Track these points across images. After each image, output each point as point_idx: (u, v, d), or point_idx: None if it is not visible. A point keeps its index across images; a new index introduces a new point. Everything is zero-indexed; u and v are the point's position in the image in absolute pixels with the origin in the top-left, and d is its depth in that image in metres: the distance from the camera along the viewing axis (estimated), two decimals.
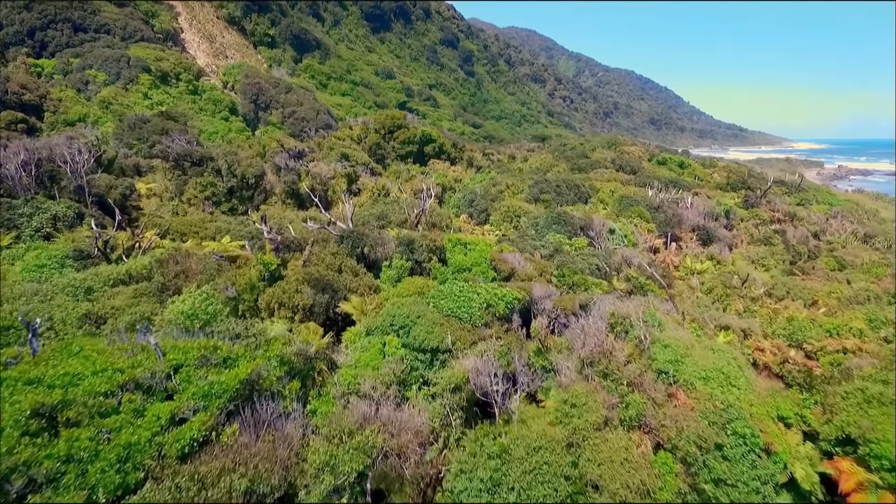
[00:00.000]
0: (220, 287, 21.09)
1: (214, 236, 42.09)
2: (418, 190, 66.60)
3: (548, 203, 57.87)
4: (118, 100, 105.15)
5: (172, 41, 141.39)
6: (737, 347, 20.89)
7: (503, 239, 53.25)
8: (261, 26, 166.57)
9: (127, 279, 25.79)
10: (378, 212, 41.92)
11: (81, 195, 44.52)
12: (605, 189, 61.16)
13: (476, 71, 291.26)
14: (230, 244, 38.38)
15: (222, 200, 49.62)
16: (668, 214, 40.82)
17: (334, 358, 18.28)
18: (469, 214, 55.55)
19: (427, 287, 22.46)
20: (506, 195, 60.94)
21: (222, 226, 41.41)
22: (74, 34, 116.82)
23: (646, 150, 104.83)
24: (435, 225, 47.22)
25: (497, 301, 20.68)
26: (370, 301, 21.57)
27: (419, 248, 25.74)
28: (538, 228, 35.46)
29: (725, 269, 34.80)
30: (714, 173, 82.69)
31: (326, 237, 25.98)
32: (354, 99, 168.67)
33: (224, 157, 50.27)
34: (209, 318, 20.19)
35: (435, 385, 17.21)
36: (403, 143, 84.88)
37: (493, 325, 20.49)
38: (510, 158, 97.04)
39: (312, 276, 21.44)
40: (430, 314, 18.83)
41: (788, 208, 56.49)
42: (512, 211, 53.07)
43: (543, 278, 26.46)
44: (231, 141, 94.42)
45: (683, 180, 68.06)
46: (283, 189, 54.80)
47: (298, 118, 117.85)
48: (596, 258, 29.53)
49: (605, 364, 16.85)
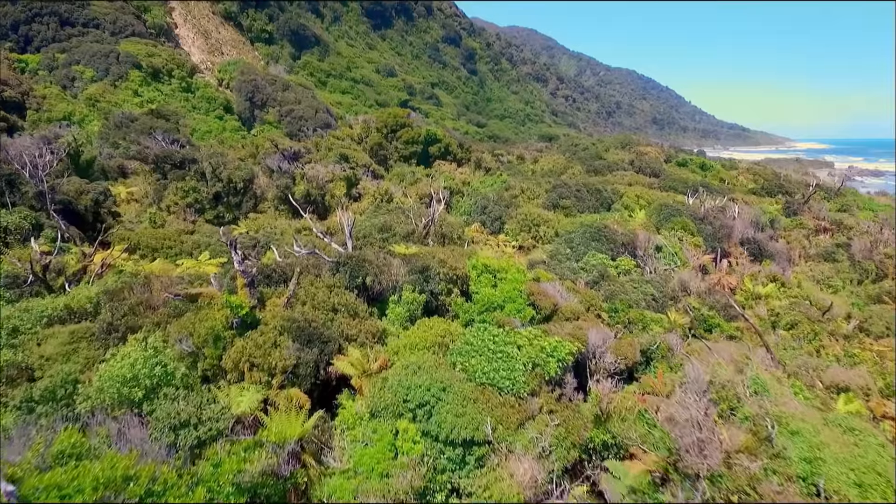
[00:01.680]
0: (173, 338, 15.69)
1: (192, 252, 36.57)
2: (424, 194, 61.15)
3: (567, 210, 52.42)
4: (106, 97, 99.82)
5: (165, 37, 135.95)
6: (868, 419, 15.47)
7: (519, 249, 47.88)
8: (258, 22, 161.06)
9: (66, 316, 20.43)
10: (381, 222, 36.52)
11: (43, 202, 39.22)
12: (630, 194, 55.71)
13: (479, 69, 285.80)
14: (208, 262, 32.97)
15: (206, 207, 44.19)
16: (714, 226, 35.39)
17: (326, 450, 12.84)
18: (482, 223, 50.09)
19: (449, 333, 17.04)
20: (520, 201, 55.52)
21: (202, 239, 35.92)
22: (61, 28, 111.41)
23: (661, 150, 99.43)
24: (445, 236, 41.76)
25: (545, 359, 15.27)
26: (374, 355, 16.15)
27: (435, 276, 20.34)
28: (573, 246, 30.08)
29: (792, 293, 29.47)
30: (739, 175, 77.17)
31: (319, 264, 20.53)
32: (355, 97, 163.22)
33: (209, 159, 44.82)
34: (155, 383, 14.82)
35: (470, 496, 11.80)
36: (407, 144, 79.32)
37: (540, 391, 15.07)
38: (519, 159, 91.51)
39: (297, 322, 16.02)
40: (457, 384, 13.44)
41: (833, 215, 51.10)
42: (530, 219, 47.64)
43: (591, 313, 21.02)
44: (224, 141, 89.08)
45: (711, 184, 62.59)
46: (276, 194, 49.32)
47: (296, 117, 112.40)
48: (650, 286, 24.21)
49: (733, 481, 11.35)
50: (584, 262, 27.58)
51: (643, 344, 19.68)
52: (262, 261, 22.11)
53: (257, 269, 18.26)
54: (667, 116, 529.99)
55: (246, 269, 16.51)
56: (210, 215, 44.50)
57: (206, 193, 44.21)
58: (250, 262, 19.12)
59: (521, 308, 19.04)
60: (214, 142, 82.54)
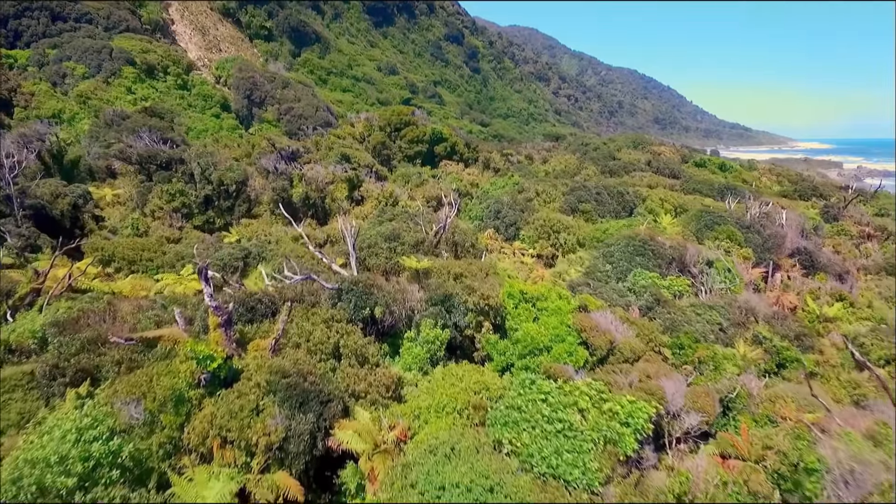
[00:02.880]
0: (120, 400, 11.74)
1: (175, 263, 32.55)
2: (431, 197, 57.14)
3: (588, 214, 48.42)
4: (98, 94, 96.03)
5: (161, 33, 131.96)
6: None
7: (538, 258, 43.86)
8: (257, 18, 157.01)
9: (2, 356, 16.52)
10: (387, 231, 32.56)
11: (11, 207, 35.33)
12: (654, 197, 51.73)
13: (482, 67, 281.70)
14: (191, 277, 28.97)
15: (195, 212, 40.21)
16: (763, 235, 31.24)
17: None
18: (495, 228, 46.11)
19: (484, 386, 13.09)
20: (536, 204, 51.52)
21: (186, 250, 31.79)
22: (52, 23, 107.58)
23: (675, 150, 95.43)
24: (458, 244, 37.83)
25: (619, 429, 11.31)
26: (389, 420, 12.20)
27: (459, 306, 16.39)
28: (614, 261, 25.95)
29: (863, 315, 25.50)
30: (762, 176, 73.14)
31: (316, 289, 16.56)
32: (356, 95, 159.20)
33: (197, 159, 40.82)
34: (92, 466, 10.87)
35: None
36: (411, 143, 75.25)
37: (614, 474, 11.10)
38: (528, 159, 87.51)
39: (287, 377, 12.06)
40: (509, 481, 9.51)
41: (875, 220, 47.07)
42: (548, 225, 43.64)
43: (650, 347, 17.06)
44: (219, 140, 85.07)
45: (737, 186, 58.61)
46: (272, 197, 45.31)
47: (295, 115, 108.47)
48: (715, 312, 20.24)
49: None
50: (631, 281, 23.51)
51: (720, 391, 15.72)
52: (245, 286, 18.13)
53: (239, 299, 14.27)
54: (669, 116, 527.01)
55: (220, 306, 12.54)
56: (199, 221, 40.53)
57: (195, 197, 40.25)
58: (231, 288, 15.14)
59: (573, 349, 15.04)
60: (210, 141, 78.58)
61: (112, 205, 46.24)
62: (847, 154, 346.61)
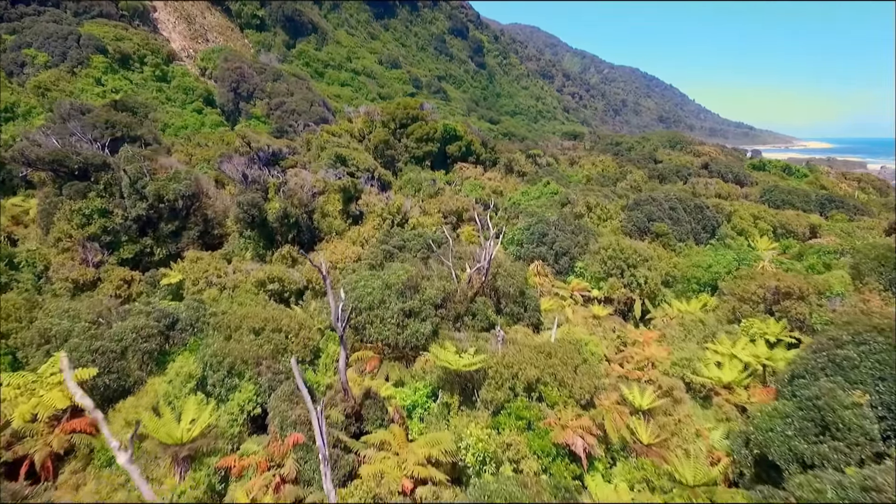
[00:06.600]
0: None
1: (41, 344, 20.02)
2: (449, 211, 44.96)
3: (665, 238, 36.26)
4: (60, 86, 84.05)
5: (141, 20, 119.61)
6: None
7: (606, 302, 31.50)
8: (248, 6, 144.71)
9: None
10: (401, 280, 20.45)
11: None
12: (743, 214, 39.65)
13: (487, 63, 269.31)
14: (57, 378, 16.55)
15: (122, 241, 28.24)
16: None
17: None
18: (541, 258, 33.94)
19: None
20: (588, 222, 39.37)
21: (62, 326, 19.10)
22: (12, 6, 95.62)
23: (720, 151, 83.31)
24: (503, 295, 25.52)
25: None
26: None
27: None
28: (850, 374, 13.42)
29: None
30: (840, 183, 61.04)
31: None
32: (355, 90, 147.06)
33: (127, 165, 28.65)
34: None
35: None
36: (420, 141, 62.98)
37: None
38: (553, 160, 75.42)
39: None
40: None
41: None
42: (618, 255, 31.50)
43: None
44: (191, 138, 72.88)
45: (834, 195, 46.50)
46: (239, 215, 33.14)
47: (287, 110, 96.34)
48: None
49: None
50: None
51: None
52: None
53: None
54: (673, 114, 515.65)
55: None
56: (128, 252, 28.40)
57: (122, 218, 28.11)
58: None
59: None
60: (180, 140, 66.41)
61: (26, 225, 34.22)
62: (848, 154, 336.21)
